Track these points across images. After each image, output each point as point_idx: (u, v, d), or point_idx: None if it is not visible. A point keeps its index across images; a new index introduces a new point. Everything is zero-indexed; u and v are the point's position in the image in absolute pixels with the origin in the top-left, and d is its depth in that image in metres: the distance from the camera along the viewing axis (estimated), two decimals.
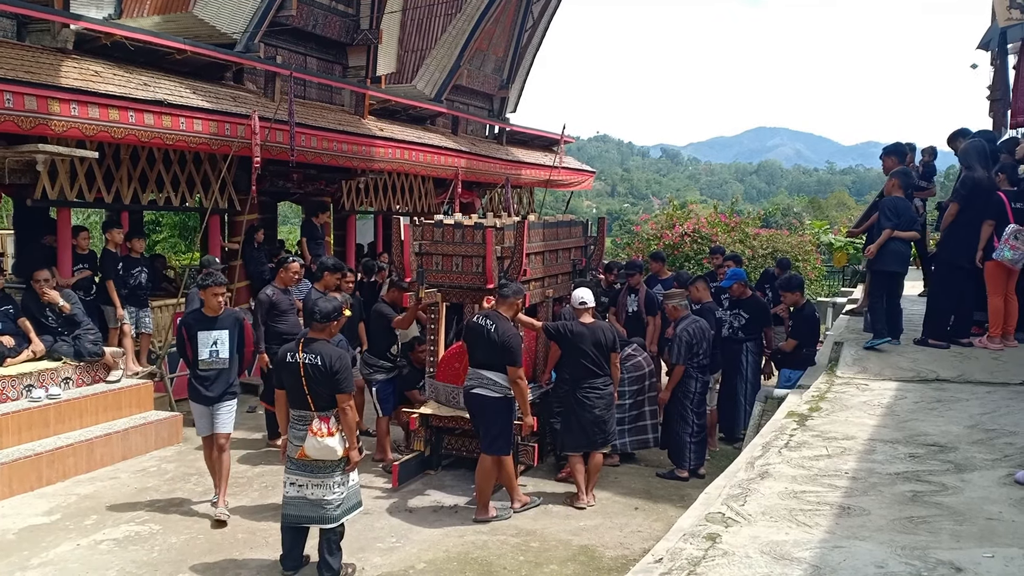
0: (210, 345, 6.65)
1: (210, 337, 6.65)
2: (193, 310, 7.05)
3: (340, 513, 5.57)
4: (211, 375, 6.66)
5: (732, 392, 9.01)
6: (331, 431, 5.45)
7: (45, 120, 7.87)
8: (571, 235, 9.20)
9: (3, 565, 5.80)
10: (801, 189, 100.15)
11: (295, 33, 12.79)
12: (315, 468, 5.53)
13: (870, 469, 4.34)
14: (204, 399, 6.68)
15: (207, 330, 6.65)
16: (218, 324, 6.71)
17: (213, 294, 6.66)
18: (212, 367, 6.66)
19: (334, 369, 5.44)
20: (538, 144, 19.79)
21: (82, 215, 19.52)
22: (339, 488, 5.56)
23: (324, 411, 5.49)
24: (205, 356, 6.65)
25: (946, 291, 7.60)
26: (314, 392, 5.47)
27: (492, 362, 6.68)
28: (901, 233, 7.34)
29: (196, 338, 6.62)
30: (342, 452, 5.50)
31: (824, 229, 23.31)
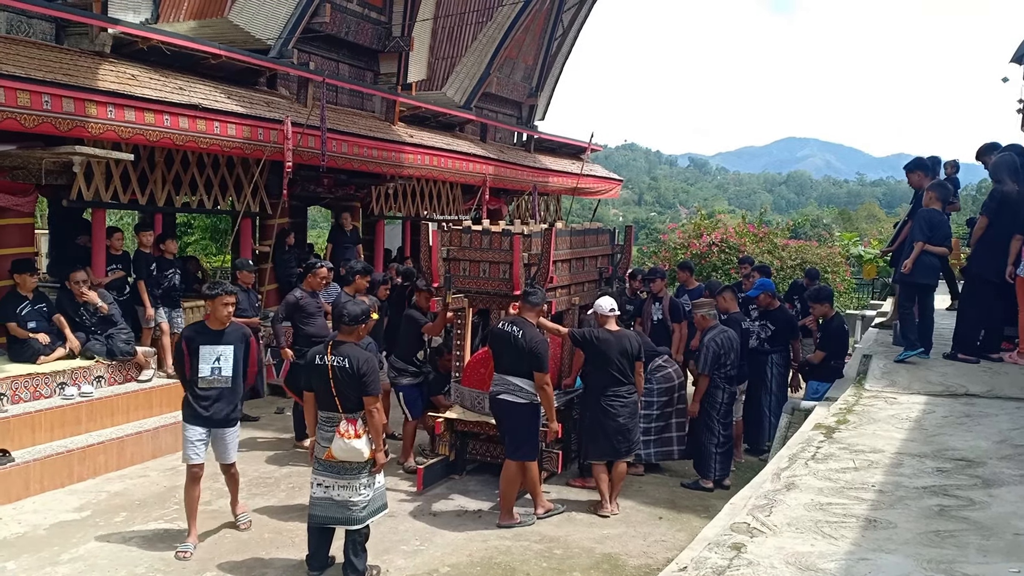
0: (212, 361, 6.11)
1: (213, 352, 6.13)
2: (196, 322, 6.43)
3: (366, 515, 5.62)
4: (211, 394, 6.15)
5: (757, 404, 8.97)
6: (358, 433, 5.50)
7: (82, 122, 8.01)
8: (598, 243, 9.21)
9: (34, 560, 5.90)
10: (831, 200, 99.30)
11: (328, 40, 12.93)
12: (342, 469, 5.58)
13: (897, 482, 4.31)
14: (202, 420, 6.16)
15: (211, 344, 6.13)
16: (223, 339, 6.19)
17: (222, 304, 6.15)
18: (213, 385, 6.14)
19: (362, 371, 5.50)
20: (566, 152, 19.83)
21: (115, 216, 19.80)
22: (365, 490, 5.61)
23: (351, 413, 5.55)
24: (206, 373, 6.12)
25: (975, 305, 7.53)
26: (342, 394, 5.53)
27: (519, 368, 6.71)
28: (932, 248, 7.29)
29: (198, 352, 6.10)
30: (368, 454, 5.54)
31: (854, 241, 23.12)
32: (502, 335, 6.80)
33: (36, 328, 8.19)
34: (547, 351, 6.78)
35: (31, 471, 7.16)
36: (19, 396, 7.73)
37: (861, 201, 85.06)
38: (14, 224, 8.79)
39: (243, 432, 9.20)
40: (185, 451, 6.22)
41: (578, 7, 19.43)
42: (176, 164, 10.32)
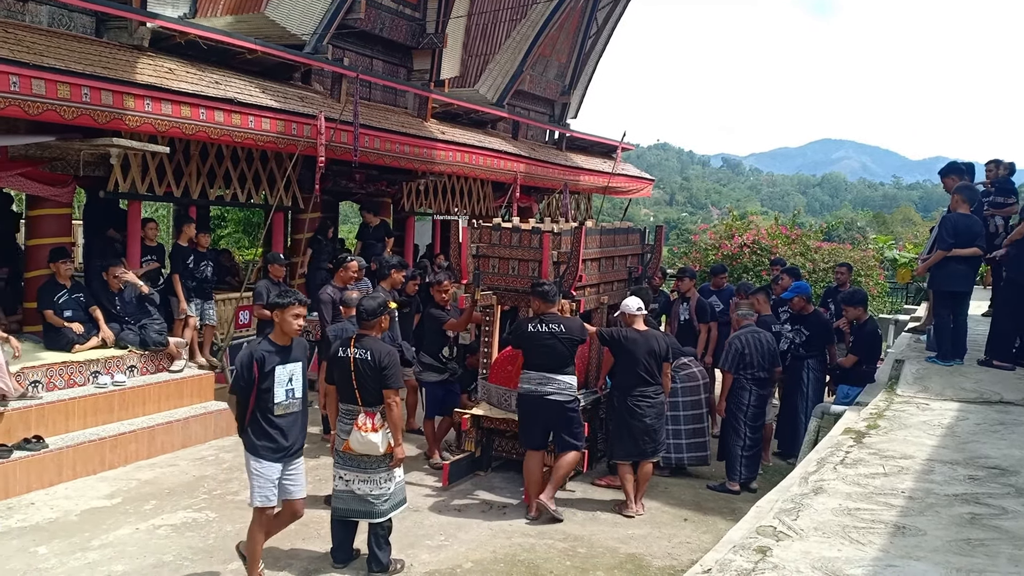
0: (286, 383, 5.33)
1: (286, 372, 5.33)
2: (263, 340, 5.50)
3: (387, 508, 5.67)
4: (288, 421, 5.36)
5: (792, 409, 8.86)
6: (375, 427, 5.54)
7: (120, 115, 8.11)
8: (628, 242, 9.18)
9: (66, 545, 6.00)
10: (866, 203, 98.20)
11: (362, 36, 12.98)
12: (361, 463, 5.63)
13: (927, 489, 4.25)
14: (280, 453, 5.34)
15: (284, 364, 5.32)
16: (292, 355, 5.41)
17: (293, 315, 5.33)
18: (289, 411, 5.36)
19: (382, 365, 5.54)
20: (597, 150, 19.76)
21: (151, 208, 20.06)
22: (385, 484, 5.65)
23: (371, 407, 5.59)
24: (282, 398, 5.30)
25: (1011, 311, 7.39)
26: (363, 387, 5.57)
27: (564, 363, 6.82)
28: (961, 251, 7.16)
29: (273, 375, 5.25)
30: (385, 448, 5.57)
31: (888, 244, 22.81)
32: (538, 335, 6.79)
33: (72, 317, 8.33)
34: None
35: (64, 457, 7.28)
36: (54, 384, 7.86)
37: (897, 204, 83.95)
38: (52, 214, 8.93)
39: None
40: (259, 492, 5.32)
41: (612, 5, 19.34)
42: (211, 157, 10.43)
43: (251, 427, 5.32)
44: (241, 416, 5.36)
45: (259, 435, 5.31)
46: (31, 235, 9.06)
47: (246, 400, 5.28)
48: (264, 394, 5.25)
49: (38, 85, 7.34)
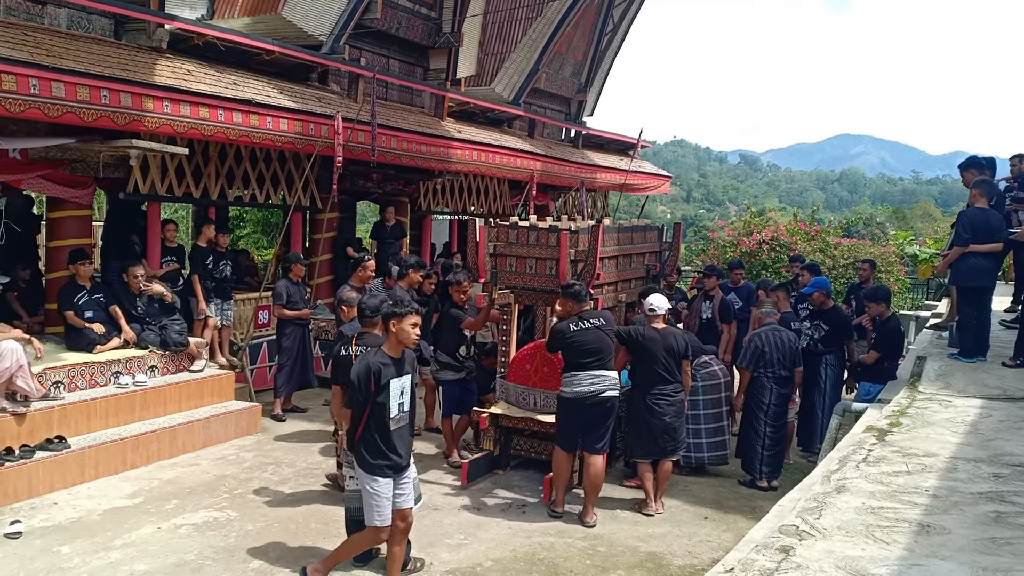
0: (399, 396, 5.19)
1: (399, 385, 5.19)
2: (377, 351, 5.22)
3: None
4: (400, 435, 5.25)
5: (810, 405, 8.82)
6: None
7: (139, 116, 8.17)
8: (645, 240, 9.15)
9: (88, 544, 6.04)
10: (885, 199, 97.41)
11: (379, 36, 13.01)
12: None
13: (952, 487, 4.21)
14: (395, 469, 5.22)
15: (397, 376, 5.17)
16: (404, 367, 5.25)
17: (411, 324, 5.16)
18: (400, 425, 5.24)
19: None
20: (614, 148, 19.72)
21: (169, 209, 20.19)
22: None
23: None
24: (395, 412, 5.16)
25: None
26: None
27: (610, 356, 6.87)
28: (980, 247, 7.08)
29: (388, 388, 5.10)
30: None
31: (909, 240, 22.63)
32: (588, 333, 6.75)
33: (93, 318, 8.39)
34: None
35: (86, 457, 7.33)
36: (76, 384, 7.92)
37: (916, 200, 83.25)
38: (73, 216, 9.00)
39: (292, 423, 9.37)
40: (379, 512, 5.18)
41: (628, 2, 19.29)
42: (229, 158, 10.49)
43: (364, 445, 5.15)
44: (353, 431, 5.18)
45: (374, 453, 5.15)
46: (52, 237, 9.14)
47: (361, 415, 5.12)
48: (379, 408, 5.10)
49: (58, 88, 7.41)
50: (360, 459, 5.19)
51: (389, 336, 5.22)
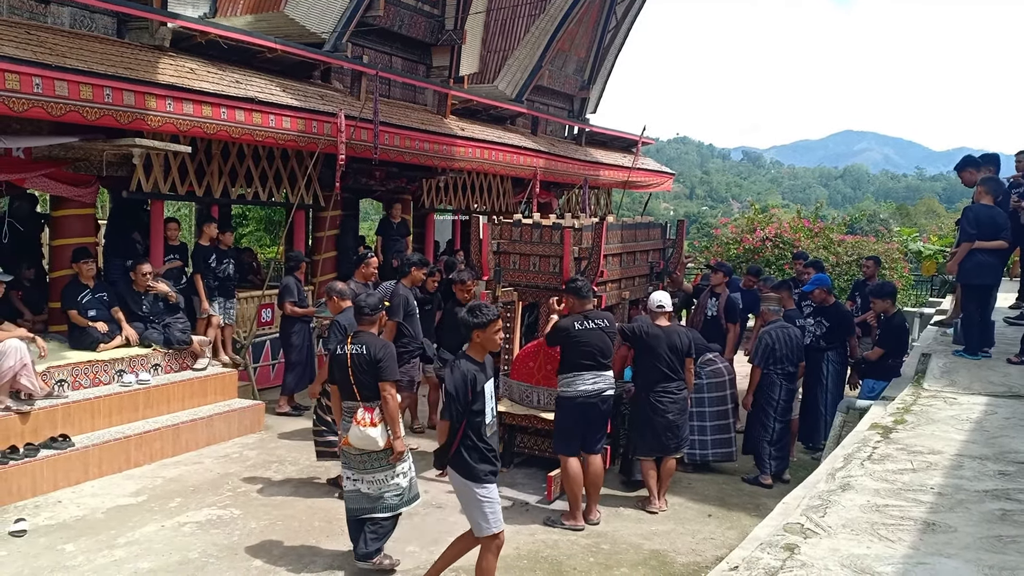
0: (491, 400, 5.12)
1: (489, 389, 5.11)
2: (464, 358, 5.12)
3: (398, 503, 5.68)
4: (495, 438, 5.21)
5: (813, 401, 8.82)
6: (374, 421, 5.52)
7: (142, 115, 8.17)
8: (649, 237, 9.13)
9: (92, 543, 6.05)
10: (888, 195, 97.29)
11: (381, 33, 13.00)
12: (364, 463, 5.61)
13: (957, 485, 4.20)
14: (496, 475, 5.17)
15: (487, 381, 5.10)
16: (488, 371, 5.18)
17: (495, 330, 5.14)
18: (494, 428, 5.20)
19: (377, 357, 5.55)
20: (617, 145, 19.69)
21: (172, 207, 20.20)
22: (392, 480, 5.63)
23: (369, 401, 5.58)
24: (490, 417, 5.11)
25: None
26: (360, 382, 5.58)
27: (610, 357, 6.83)
28: (985, 244, 7.05)
29: (483, 395, 5.03)
30: (384, 443, 5.53)
31: (913, 237, 22.58)
32: (591, 332, 6.68)
33: (96, 316, 8.39)
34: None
35: (90, 456, 7.34)
36: (79, 383, 7.93)
37: (920, 196, 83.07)
38: (76, 215, 9.00)
39: (296, 422, 9.37)
40: (494, 518, 5.07)
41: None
42: (232, 156, 10.49)
43: (467, 454, 5.03)
44: (451, 442, 5.02)
45: (478, 459, 5.04)
46: (55, 235, 9.14)
47: (459, 426, 4.99)
48: (476, 415, 5.02)
49: (61, 86, 7.41)
50: (465, 469, 5.04)
51: (472, 343, 5.16)
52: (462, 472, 5.05)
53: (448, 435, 5.01)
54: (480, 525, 5.07)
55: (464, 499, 5.14)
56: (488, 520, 5.05)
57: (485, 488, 5.05)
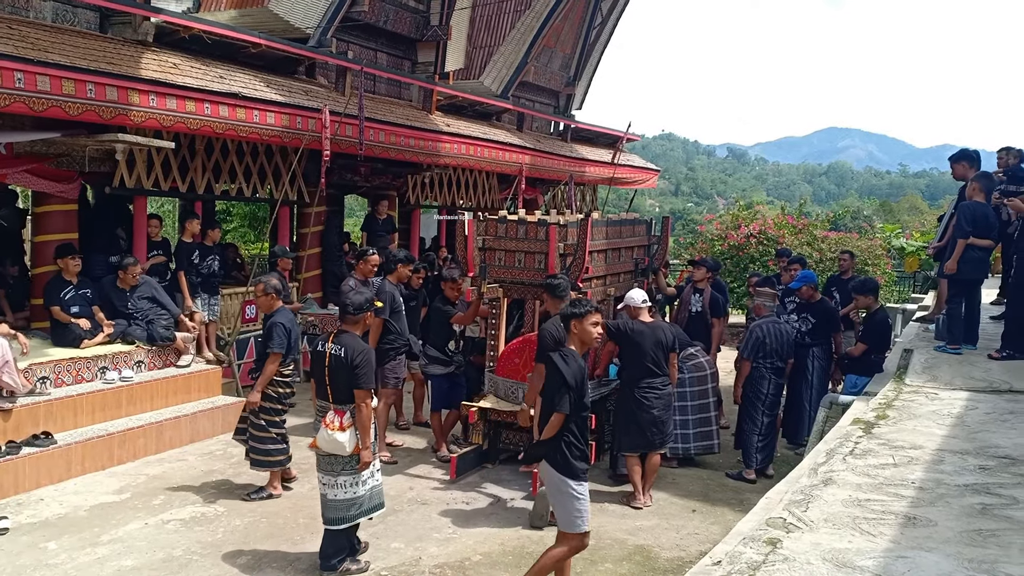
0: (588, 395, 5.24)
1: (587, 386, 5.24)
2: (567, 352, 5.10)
3: (355, 514, 5.54)
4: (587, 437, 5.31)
5: (797, 397, 8.86)
6: (343, 426, 5.41)
7: (125, 110, 8.12)
8: (634, 234, 9.15)
9: (75, 540, 6.02)
10: (872, 192, 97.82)
11: (366, 29, 12.96)
12: (330, 465, 5.53)
13: (938, 480, 4.23)
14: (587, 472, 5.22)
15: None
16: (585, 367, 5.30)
17: (592, 323, 5.15)
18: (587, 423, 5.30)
19: (355, 363, 5.41)
20: (603, 141, 19.72)
21: (155, 203, 20.08)
22: (352, 487, 5.50)
23: (341, 404, 5.48)
24: (586, 411, 5.20)
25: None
26: (334, 383, 5.49)
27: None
28: (977, 241, 7.12)
29: (586, 388, 5.13)
30: (351, 449, 5.43)
31: (896, 233, 22.72)
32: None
33: (79, 313, 8.34)
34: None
35: (73, 453, 7.30)
36: (62, 380, 7.87)
37: (903, 193, 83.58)
38: (58, 211, 8.94)
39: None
40: (585, 517, 5.07)
41: None
42: (216, 152, 10.43)
43: (567, 448, 4.99)
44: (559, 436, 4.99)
45: (577, 456, 5.02)
46: (38, 231, 9.07)
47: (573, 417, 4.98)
48: (583, 410, 5.05)
49: (43, 81, 7.35)
50: (564, 465, 4.98)
51: (571, 336, 5.15)
52: (561, 468, 4.99)
53: (559, 428, 4.94)
54: (572, 521, 5.03)
55: (557, 495, 5.09)
56: (579, 518, 5.02)
57: (581, 485, 5.02)
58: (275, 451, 6.90)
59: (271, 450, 6.88)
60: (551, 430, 4.98)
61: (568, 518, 5.04)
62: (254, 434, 6.90)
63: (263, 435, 6.87)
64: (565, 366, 4.96)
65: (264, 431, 6.86)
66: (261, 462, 6.93)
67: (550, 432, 4.98)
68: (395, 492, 7.14)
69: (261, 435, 6.87)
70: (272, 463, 6.92)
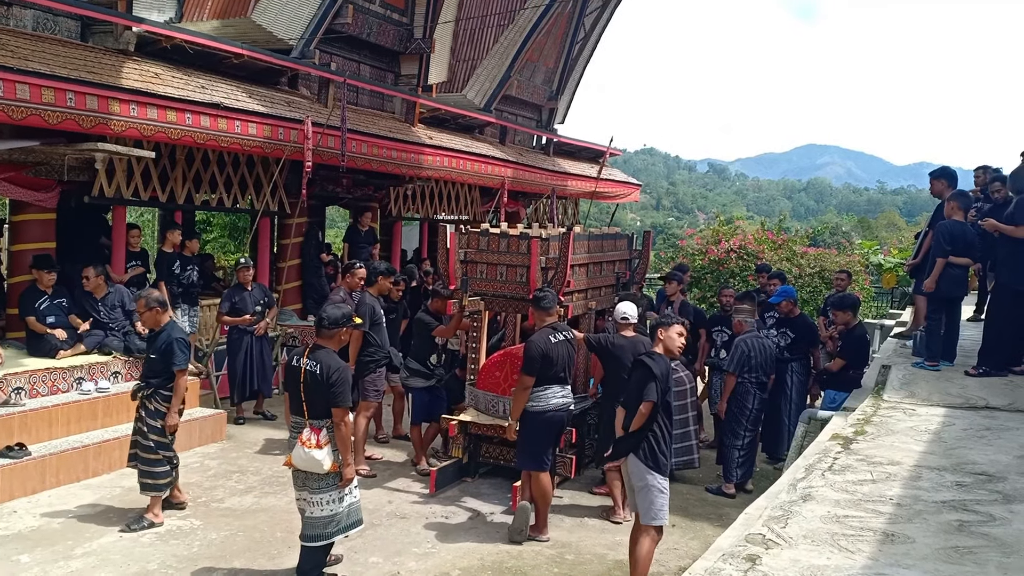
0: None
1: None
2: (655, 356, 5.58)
3: (332, 531, 5.44)
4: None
5: (776, 412, 8.90)
6: (319, 443, 5.27)
7: (105, 120, 8.06)
8: (616, 248, 9.17)
9: (49, 553, 5.93)
10: (851, 208, 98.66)
11: (350, 40, 12.96)
12: (305, 483, 5.42)
13: (915, 496, 4.26)
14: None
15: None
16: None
17: (677, 333, 5.69)
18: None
19: (331, 381, 5.28)
20: (585, 156, 19.79)
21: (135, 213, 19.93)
22: (329, 505, 5.39)
23: (317, 420, 5.34)
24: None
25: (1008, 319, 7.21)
26: (310, 400, 5.35)
27: (570, 375, 6.79)
28: (956, 259, 7.20)
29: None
30: (329, 467, 5.30)
31: (874, 249, 22.91)
32: (559, 345, 6.62)
33: (55, 323, 8.26)
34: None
35: (47, 465, 7.20)
36: (37, 391, 7.78)
37: (881, 209, 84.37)
38: (36, 219, 8.85)
39: (261, 430, 9.28)
40: (664, 510, 5.46)
41: (600, 11, 19.39)
42: (197, 162, 10.38)
43: (656, 443, 5.34)
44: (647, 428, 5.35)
45: (663, 451, 5.37)
46: (15, 240, 8.98)
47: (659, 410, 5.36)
48: (666, 407, 5.38)
49: (22, 90, 7.29)
50: (652, 459, 5.33)
51: (657, 342, 5.66)
52: (649, 462, 5.33)
53: (647, 420, 5.28)
54: (655, 514, 5.35)
55: (641, 488, 5.37)
56: (661, 512, 5.37)
57: (665, 480, 5.38)
58: (162, 474, 6.57)
59: (158, 473, 6.55)
60: (639, 420, 5.31)
61: (651, 511, 5.35)
62: (143, 456, 6.57)
63: (152, 457, 6.54)
64: (653, 363, 5.39)
65: (153, 453, 6.53)
66: (148, 485, 6.58)
67: (639, 422, 5.32)
68: (374, 506, 7.10)
69: (150, 457, 6.54)
70: (158, 487, 6.57)
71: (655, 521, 5.37)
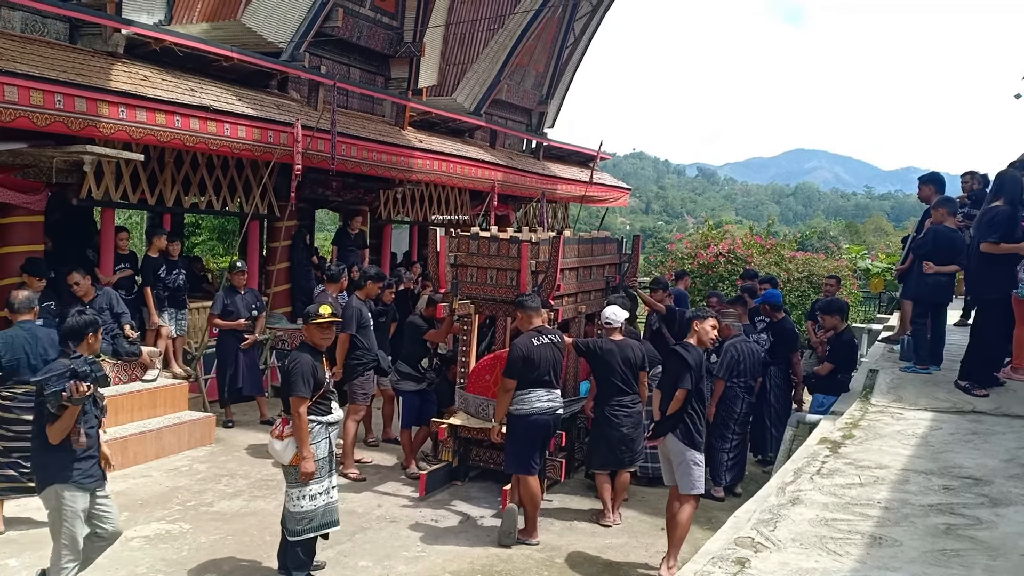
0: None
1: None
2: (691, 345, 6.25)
3: (302, 529, 5.45)
4: None
5: (757, 416, 8.91)
6: (281, 434, 5.39)
7: (94, 122, 8.04)
8: (605, 252, 9.20)
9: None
10: (838, 213, 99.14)
11: (340, 44, 12.95)
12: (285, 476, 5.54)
13: (903, 500, 4.29)
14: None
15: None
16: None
17: (712, 326, 6.31)
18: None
19: (287, 369, 5.48)
20: (574, 160, 19.84)
21: (123, 215, 19.85)
22: (299, 501, 5.42)
23: (287, 412, 5.49)
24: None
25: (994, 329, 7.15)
26: (280, 393, 5.60)
27: (559, 378, 6.81)
28: (942, 268, 7.23)
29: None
30: (290, 460, 5.37)
31: (861, 254, 23.03)
32: (544, 348, 6.60)
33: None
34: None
35: None
36: None
37: (869, 214, 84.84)
38: (24, 222, 8.80)
39: (250, 433, 9.26)
40: (702, 481, 6.20)
41: (590, 15, 19.46)
42: (186, 165, 10.35)
43: (691, 423, 6.02)
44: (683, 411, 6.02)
45: (697, 430, 6.06)
46: (2, 243, 8.91)
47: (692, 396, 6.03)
48: (699, 392, 6.08)
49: (10, 92, 7.27)
50: (689, 437, 6.02)
51: (692, 332, 6.23)
52: (686, 439, 6.02)
53: (681, 404, 5.96)
54: (693, 485, 6.04)
55: (681, 464, 6.06)
56: (700, 481, 6.08)
57: (700, 455, 6.09)
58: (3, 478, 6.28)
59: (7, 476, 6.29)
60: (676, 404, 5.99)
61: (690, 482, 6.04)
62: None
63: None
64: (687, 353, 6.05)
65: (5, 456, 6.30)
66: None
67: (675, 406, 5.99)
68: (363, 509, 7.10)
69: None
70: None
71: (694, 490, 6.04)
